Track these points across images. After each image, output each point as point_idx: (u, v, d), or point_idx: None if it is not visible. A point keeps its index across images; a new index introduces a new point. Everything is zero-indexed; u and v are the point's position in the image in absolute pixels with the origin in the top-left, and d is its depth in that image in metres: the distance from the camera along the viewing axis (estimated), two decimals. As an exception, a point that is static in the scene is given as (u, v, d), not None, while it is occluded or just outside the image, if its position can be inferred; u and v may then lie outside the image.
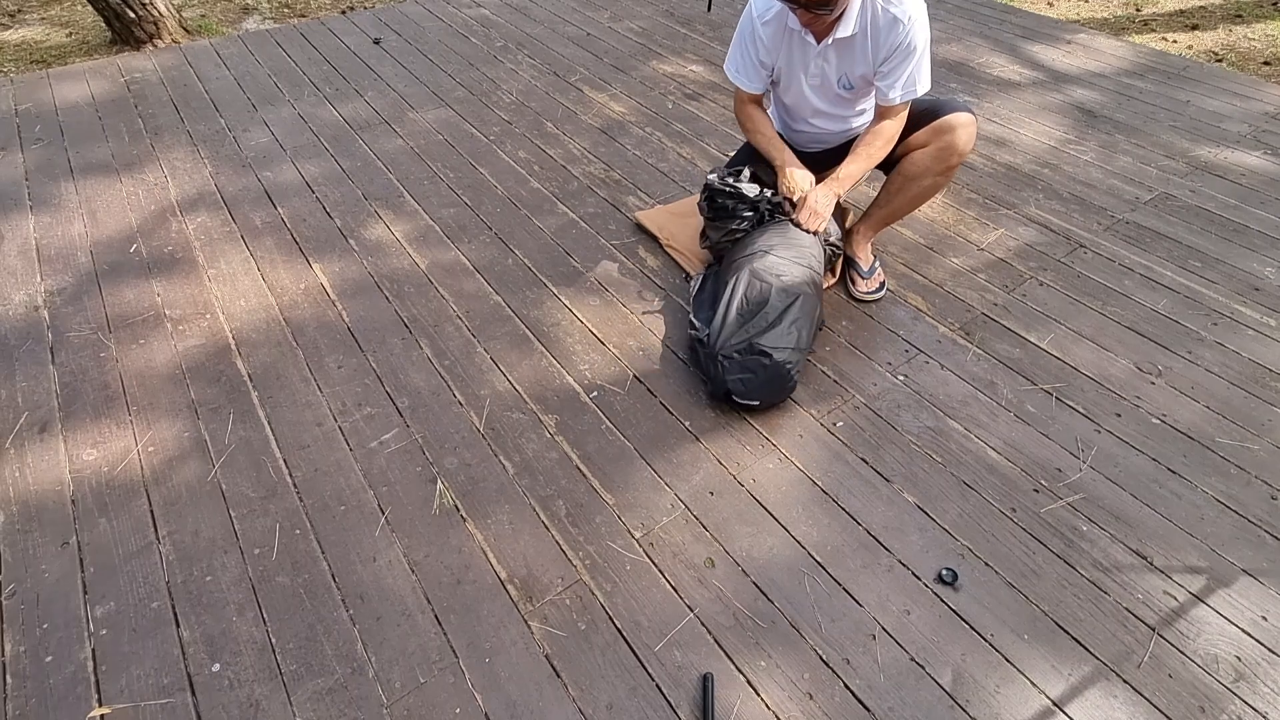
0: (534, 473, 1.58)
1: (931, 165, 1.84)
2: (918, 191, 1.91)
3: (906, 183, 1.90)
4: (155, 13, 3.51)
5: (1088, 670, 1.28)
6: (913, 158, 1.86)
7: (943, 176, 1.87)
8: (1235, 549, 1.46)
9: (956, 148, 1.80)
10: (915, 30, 1.67)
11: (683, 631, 1.32)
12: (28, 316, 1.95)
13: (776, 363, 1.64)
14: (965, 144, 1.80)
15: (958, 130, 1.79)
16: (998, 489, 1.56)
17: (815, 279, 1.79)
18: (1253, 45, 3.77)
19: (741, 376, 1.65)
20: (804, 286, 1.74)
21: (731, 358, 1.66)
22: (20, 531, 1.47)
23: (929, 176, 1.86)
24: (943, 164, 1.83)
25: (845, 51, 1.76)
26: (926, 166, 1.84)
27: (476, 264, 2.15)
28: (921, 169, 1.85)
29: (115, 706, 1.22)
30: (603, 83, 3.13)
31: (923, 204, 1.99)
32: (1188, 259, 2.18)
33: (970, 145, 1.81)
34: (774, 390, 1.68)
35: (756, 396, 1.67)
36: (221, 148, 2.66)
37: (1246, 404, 1.75)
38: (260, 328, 1.92)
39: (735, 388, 1.65)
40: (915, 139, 1.85)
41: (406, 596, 1.37)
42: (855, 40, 1.73)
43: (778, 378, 1.65)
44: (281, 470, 1.58)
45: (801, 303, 1.71)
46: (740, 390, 1.65)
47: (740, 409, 1.71)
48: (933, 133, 1.82)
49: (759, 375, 1.64)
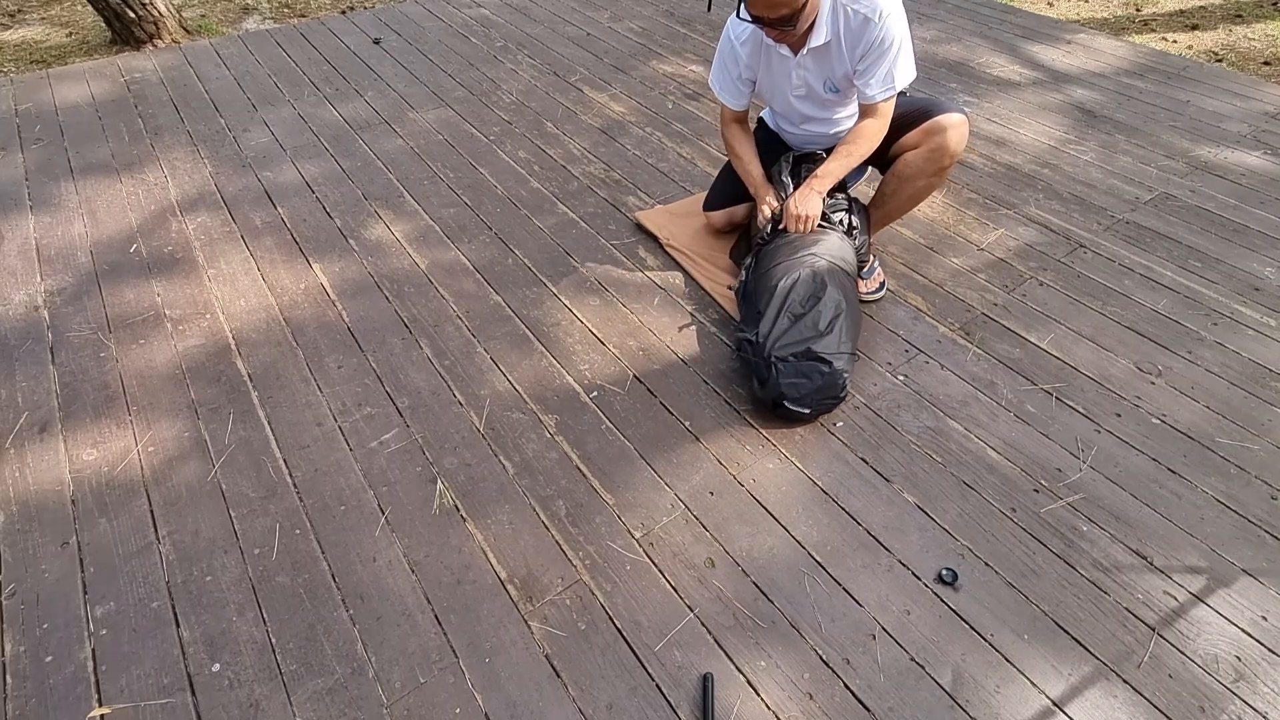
0: (534, 473, 1.58)
1: (924, 167, 1.83)
2: (912, 192, 1.91)
3: (901, 184, 1.90)
4: (155, 13, 3.51)
5: (1088, 670, 1.28)
6: (906, 159, 1.86)
7: (936, 177, 1.86)
8: (1235, 549, 1.46)
9: (948, 149, 1.79)
10: (889, 26, 1.66)
11: (683, 631, 1.32)
12: (28, 316, 1.95)
13: (835, 370, 1.62)
14: (956, 144, 1.79)
15: (949, 131, 1.78)
16: (998, 489, 1.56)
17: (852, 280, 1.81)
18: (1253, 45, 3.77)
19: (796, 381, 1.62)
20: (848, 289, 1.75)
21: (786, 360, 1.63)
22: (20, 531, 1.47)
23: (922, 178, 1.86)
24: (935, 165, 1.82)
25: (822, 58, 1.77)
26: (919, 168, 1.84)
27: (476, 264, 2.15)
28: (915, 170, 1.85)
29: (115, 706, 1.22)
30: (603, 83, 3.13)
31: (918, 204, 1.99)
32: (1188, 259, 2.18)
33: (962, 146, 1.80)
34: (827, 398, 1.65)
35: (809, 404, 1.64)
36: (221, 148, 2.66)
37: (1246, 404, 1.75)
38: (260, 328, 1.92)
39: (790, 392, 1.62)
40: (908, 140, 1.85)
41: (406, 596, 1.37)
42: (830, 46, 1.73)
43: (833, 385, 1.63)
44: (281, 470, 1.58)
45: (849, 309, 1.71)
46: (794, 395, 1.62)
47: (740, 408, 1.71)
48: (924, 134, 1.81)
49: (814, 381, 1.62)
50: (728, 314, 1.97)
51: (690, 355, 1.86)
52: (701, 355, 1.86)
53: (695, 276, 2.09)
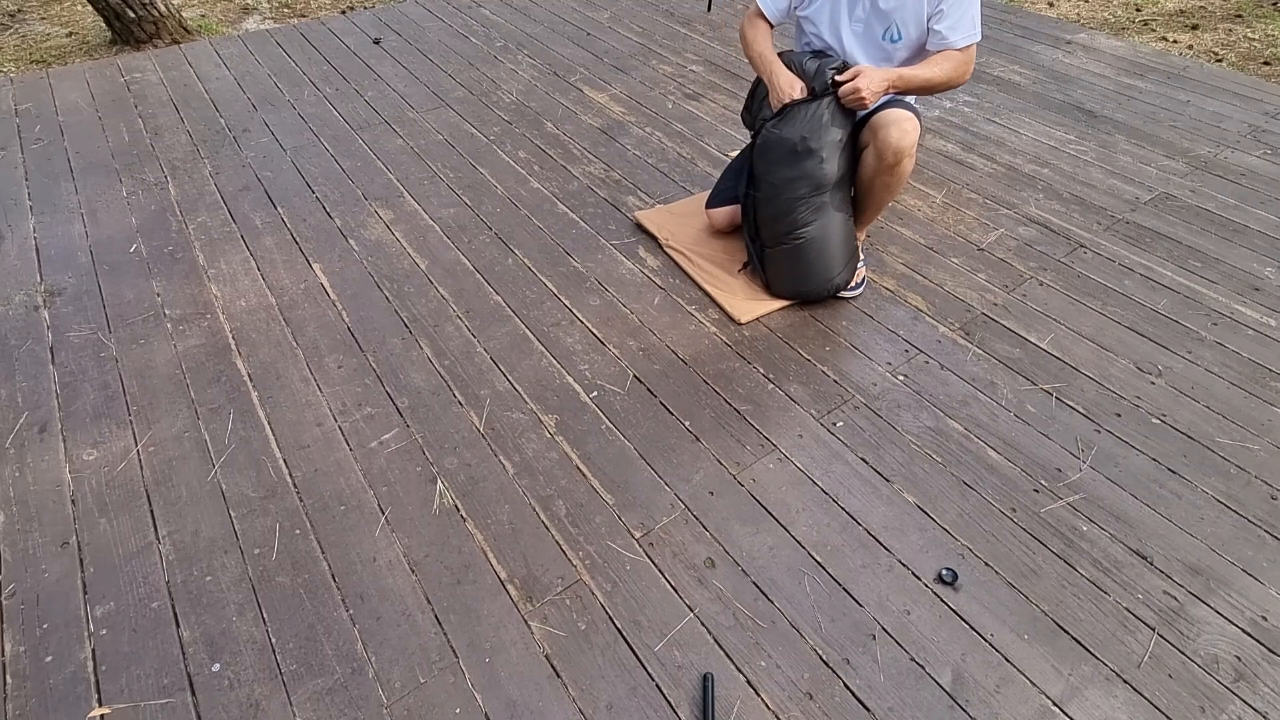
0: (534, 473, 1.58)
1: (876, 165, 1.81)
2: (874, 191, 1.89)
3: (862, 184, 1.90)
4: (155, 13, 3.51)
5: (1088, 670, 1.28)
6: (862, 159, 1.85)
7: (890, 175, 1.82)
8: (1235, 549, 1.46)
9: (890, 144, 1.75)
10: None
11: (683, 631, 1.32)
12: (28, 316, 1.95)
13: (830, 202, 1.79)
14: (899, 139, 1.74)
15: (889, 128, 1.74)
16: (998, 489, 1.56)
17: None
18: (1253, 45, 3.77)
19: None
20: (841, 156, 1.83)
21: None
22: (20, 531, 1.47)
23: (879, 176, 1.84)
24: (883, 162, 1.79)
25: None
26: (873, 167, 1.82)
27: (476, 264, 2.15)
28: (871, 170, 1.84)
29: (115, 706, 1.22)
30: (603, 83, 3.13)
31: (887, 202, 1.96)
32: (1188, 259, 2.18)
33: (907, 141, 1.75)
34: (822, 255, 1.82)
35: (808, 237, 1.80)
36: (221, 148, 2.66)
37: (1246, 404, 1.75)
38: (260, 328, 1.92)
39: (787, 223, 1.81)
40: (862, 138, 1.83)
41: (406, 596, 1.37)
42: None
43: (836, 235, 1.81)
44: (281, 470, 1.58)
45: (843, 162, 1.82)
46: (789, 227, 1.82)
47: (740, 408, 1.71)
48: (870, 132, 1.80)
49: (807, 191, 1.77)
50: (728, 314, 1.97)
51: (690, 355, 1.86)
52: (701, 355, 1.86)
53: (695, 276, 2.09)
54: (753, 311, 1.96)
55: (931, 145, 2.72)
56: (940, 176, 2.55)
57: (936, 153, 2.68)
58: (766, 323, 1.96)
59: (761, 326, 1.94)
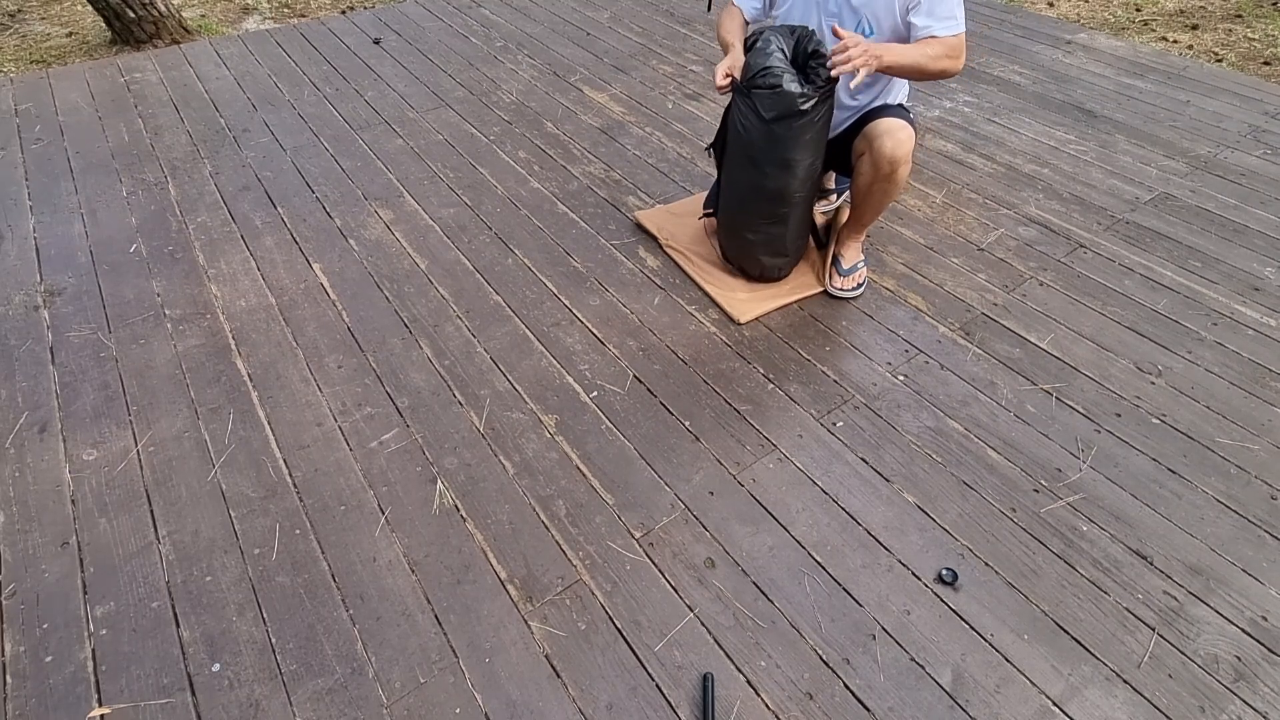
0: (534, 473, 1.58)
1: (872, 173, 1.81)
2: (870, 197, 1.89)
3: (859, 191, 1.89)
4: (155, 13, 3.51)
5: (1088, 670, 1.28)
6: (858, 166, 1.85)
7: (887, 182, 1.82)
8: (1235, 549, 1.46)
9: (885, 154, 1.75)
10: None
11: (683, 631, 1.32)
12: (28, 316, 1.95)
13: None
14: (893, 149, 1.74)
15: (884, 138, 1.74)
16: (998, 489, 1.56)
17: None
18: (1253, 45, 3.77)
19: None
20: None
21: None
22: (20, 531, 1.47)
23: (876, 183, 1.83)
24: (879, 171, 1.79)
25: None
26: (870, 175, 1.82)
27: (476, 264, 2.15)
28: (868, 178, 1.84)
29: (115, 706, 1.22)
30: (603, 83, 3.13)
31: (883, 208, 1.95)
32: (1188, 259, 2.18)
33: (903, 150, 1.74)
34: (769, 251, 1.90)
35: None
36: (221, 148, 2.66)
37: (1246, 404, 1.75)
38: (260, 328, 1.92)
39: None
40: (857, 146, 1.83)
41: (406, 596, 1.37)
42: None
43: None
44: (281, 470, 1.58)
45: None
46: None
47: (740, 408, 1.71)
48: (865, 142, 1.80)
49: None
50: (727, 314, 1.97)
51: (690, 355, 1.86)
52: (701, 355, 1.86)
53: (695, 276, 2.09)
54: (752, 311, 1.96)
55: (931, 145, 2.72)
56: (940, 176, 2.55)
57: (936, 153, 2.68)
58: (766, 323, 1.96)
59: (761, 326, 1.94)
